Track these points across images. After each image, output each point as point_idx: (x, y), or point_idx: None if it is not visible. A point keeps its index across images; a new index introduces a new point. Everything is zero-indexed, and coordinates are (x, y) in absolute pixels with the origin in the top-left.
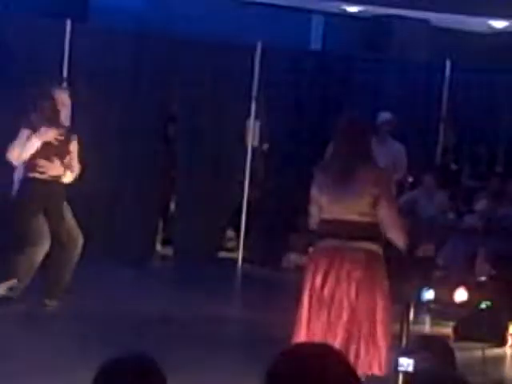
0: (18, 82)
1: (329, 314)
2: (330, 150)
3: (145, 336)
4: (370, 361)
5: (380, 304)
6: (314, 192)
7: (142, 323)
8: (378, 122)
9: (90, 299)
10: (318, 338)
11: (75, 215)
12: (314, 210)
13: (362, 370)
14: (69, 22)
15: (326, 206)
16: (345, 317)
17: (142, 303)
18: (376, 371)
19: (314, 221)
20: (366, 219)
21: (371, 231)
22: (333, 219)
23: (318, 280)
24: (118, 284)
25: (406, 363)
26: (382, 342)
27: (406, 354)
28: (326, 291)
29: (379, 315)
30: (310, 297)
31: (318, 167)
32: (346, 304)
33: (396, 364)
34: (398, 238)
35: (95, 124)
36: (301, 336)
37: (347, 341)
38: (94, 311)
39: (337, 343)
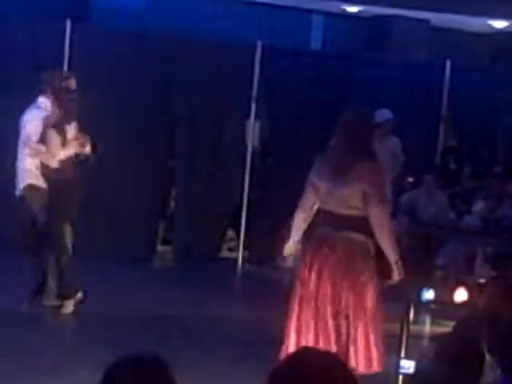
0: (18, 82)
1: (316, 304)
2: (333, 142)
3: (145, 335)
4: (361, 359)
5: (368, 296)
6: (314, 178)
7: (142, 323)
8: (379, 119)
9: (91, 299)
10: (306, 328)
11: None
12: (308, 192)
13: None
14: (69, 22)
15: (323, 196)
16: (329, 307)
17: (143, 303)
18: (367, 369)
19: (302, 203)
20: (356, 213)
21: (361, 224)
22: (327, 211)
23: (305, 267)
24: (118, 284)
25: (408, 365)
26: (370, 336)
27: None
28: (312, 278)
29: (367, 307)
30: (300, 286)
31: (319, 156)
32: (330, 294)
33: (397, 366)
34: (382, 238)
35: (95, 124)
36: (291, 327)
37: (337, 335)
38: (94, 311)
39: (326, 336)
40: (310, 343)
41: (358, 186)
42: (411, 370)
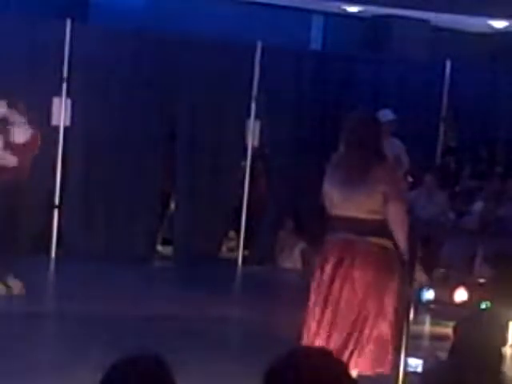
0: (17, 83)
1: (335, 310)
2: (341, 146)
3: (145, 336)
4: (375, 359)
5: (387, 301)
6: (326, 186)
7: (142, 323)
8: (381, 120)
9: (91, 299)
10: (323, 330)
11: (75, 215)
12: (326, 203)
13: (364, 369)
14: (69, 22)
15: (337, 202)
16: (350, 313)
17: (143, 303)
18: (383, 370)
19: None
20: (377, 217)
21: (382, 228)
22: (344, 216)
23: (328, 271)
24: (118, 284)
25: (415, 364)
26: (387, 339)
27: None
28: (333, 282)
29: (386, 312)
30: (318, 289)
31: (330, 163)
32: (352, 299)
33: (400, 365)
34: (399, 237)
35: (94, 124)
36: (310, 329)
37: (349, 337)
38: (94, 311)
39: (340, 338)
40: (323, 343)
41: (377, 188)
42: (419, 369)
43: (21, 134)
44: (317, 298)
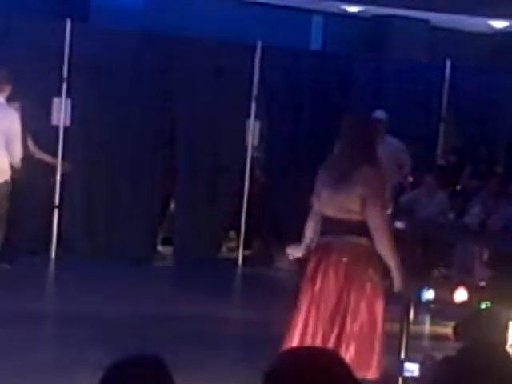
0: (17, 83)
1: (317, 309)
2: (335, 149)
3: (145, 336)
4: (360, 361)
5: (369, 300)
6: (318, 186)
7: (141, 323)
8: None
9: (90, 299)
10: (310, 330)
11: (75, 215)
12: (314, 201)
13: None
14: (69, 22)
15: (324, 202)
16: (332, 310)
17: (142, 303)
18: (368, 374)
19: (312, 212)
20: (357, 217)
21: (362, 228)
22: (327, 217)
23: (309, 275)
24: (118, 284)
25: (412, 368)
26: (373, 342)
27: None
28: (316, 286)
29: (368, 311)
30: (306, 290)
31: (323, 164)
32: (334, 297)
33: (398, 368)
34: (380, 243)
35: (95, 124)
36: (295, 333)
37: (336, 337)
38: (93, 311)
39: (322, 338)
40: (310, 343)
41: (356, 190)
42: (416, 373)
43: None
44: (302, 299)
